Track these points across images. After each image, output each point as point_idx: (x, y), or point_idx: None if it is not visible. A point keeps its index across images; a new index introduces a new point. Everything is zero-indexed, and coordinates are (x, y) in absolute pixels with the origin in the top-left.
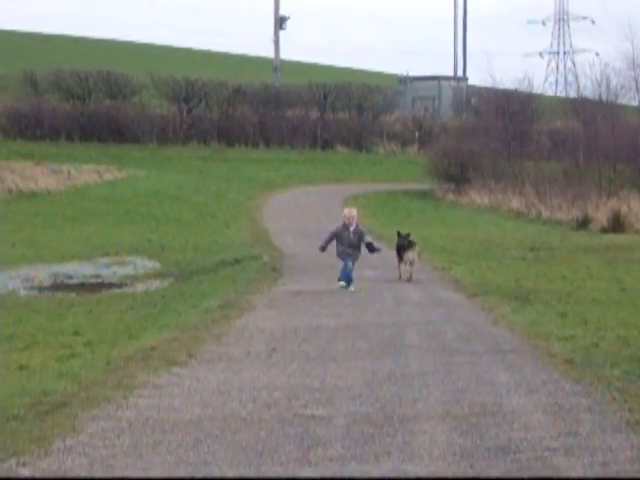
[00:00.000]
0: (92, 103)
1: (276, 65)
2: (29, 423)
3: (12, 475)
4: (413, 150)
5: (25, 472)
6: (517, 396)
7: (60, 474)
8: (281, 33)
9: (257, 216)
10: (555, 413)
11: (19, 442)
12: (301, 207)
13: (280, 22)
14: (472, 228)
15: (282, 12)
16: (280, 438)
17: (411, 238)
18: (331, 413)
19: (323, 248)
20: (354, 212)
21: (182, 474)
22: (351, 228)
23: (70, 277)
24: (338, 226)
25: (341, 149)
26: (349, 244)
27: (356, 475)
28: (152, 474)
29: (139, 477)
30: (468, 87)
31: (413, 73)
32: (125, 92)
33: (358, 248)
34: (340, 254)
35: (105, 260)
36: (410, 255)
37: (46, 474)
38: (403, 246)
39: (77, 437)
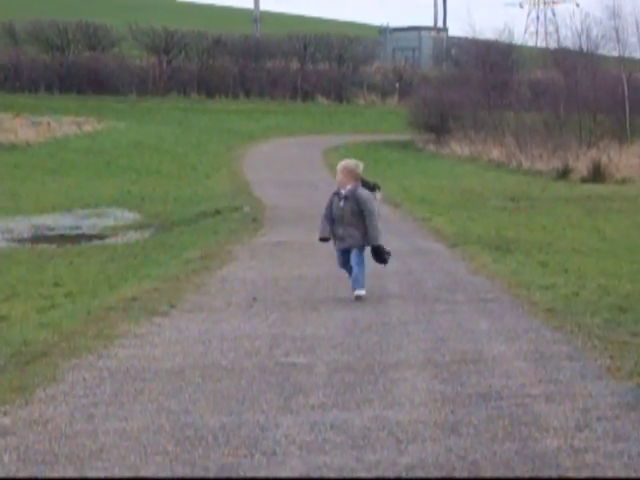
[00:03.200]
0: (71, 54)
1: (256, 16)
2: (10, 373)
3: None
4: (393, 101)
5: (6, 421)
6: (498, 344)
7: (41, 423)
8: None
9: (237, 167)
10: (536, 361)
11: (0, 391)
12: (281, 158)
13: None
14: (452, 178)
15: None
16: (261, 386)
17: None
18: (312, 361)
19: (324, 239)
20: (350, 164)
21: (163, 422)
22: (342, 191)
23: (50, 229)
24: (331, 194)
25: (321, 100)
26: (339, 218)
27: (337, 423)
28: (133, 423)
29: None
30: (448, 38)
31: (393, 24)
32: (104, 43)
33: (356, 225)
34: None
35: (85, 212)
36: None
37: (27, 423)
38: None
39: (58, 386)
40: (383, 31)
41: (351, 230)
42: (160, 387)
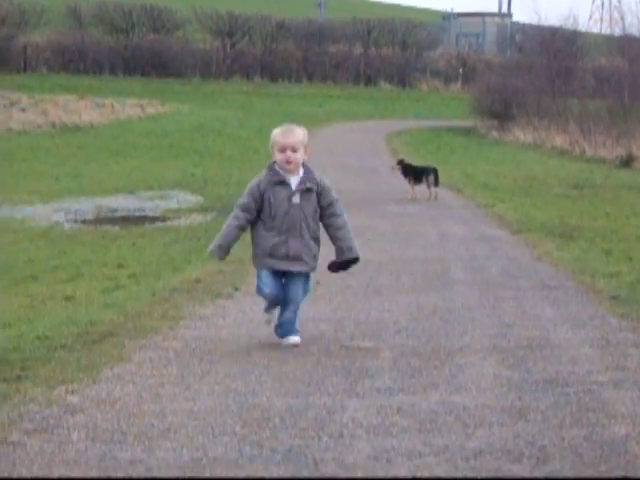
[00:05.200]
0: (135, 37)
1: (320, 0)
2: (77, 352)
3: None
4: (456, 87)
5: (74, 399)
6: (564, 331)
7: (109, 402)
8: None
9: None
10: (602, 347)
11: (68, 370)
12: (344, 143)
13: None
14: (515, 165)
15: None
16: (327, 369)
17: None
18: (378, 345)
19: (222, 250)
20: (298, 135)
21: (230, 403)
22: (293, 179)
23: (114, 210)
24: (259, 178)
25: (384, 85)
26: (290, 224)
27: (404, 407)
28: (200, 403)
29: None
30: (512, 24)
31: (457, 9)
32: (168, 26)
33: (316, 236)
34: (261, 255)
35: (148, 194)
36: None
37: (95, 402)
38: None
39: (125, 366)
40: (447, 17)
41: (311, 244)
42: (226, 368)
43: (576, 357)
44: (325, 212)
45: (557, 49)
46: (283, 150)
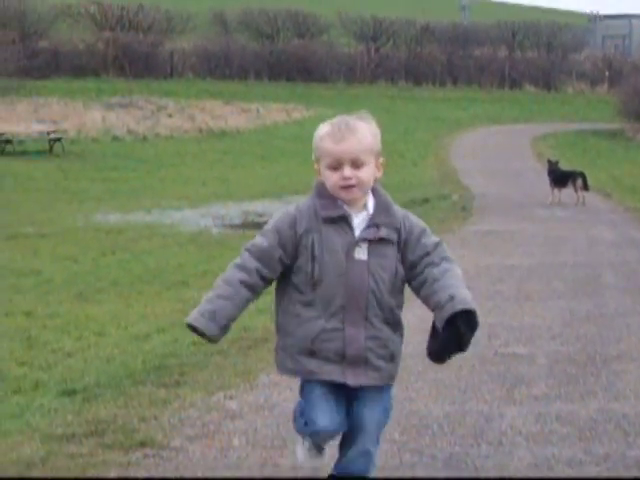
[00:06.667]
0: (280, 42)
1: (464, 3)
2: (233, 358)
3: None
4: (603, 89)
5: (233, 405)
6: None
7: (267, 407)
8: None
9: (445, 155)
10: None
11: (225, 376)
12: (489, 147)
13: None
14: None
15: None
16: (482, 376)
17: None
18: (532, 352)
19: (214, 320)
20: (363, 137)
21: None
22: (357, 218)
23: (260, 215)
24: (296, 208)
25: (529, 88)
26: (351, 293)
27: (563, 414)
28: None
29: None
30: None
31: (603, 11)
32: (313, 31)
33: (396, 320)
34: (293, 351)
35: (295, 198)
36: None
37: (254, 407)
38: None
39: None
40: (592, 19)
41: (385, 333)
42: None
43: None
44: (416, 268)
45: None
46: (336, 166)
